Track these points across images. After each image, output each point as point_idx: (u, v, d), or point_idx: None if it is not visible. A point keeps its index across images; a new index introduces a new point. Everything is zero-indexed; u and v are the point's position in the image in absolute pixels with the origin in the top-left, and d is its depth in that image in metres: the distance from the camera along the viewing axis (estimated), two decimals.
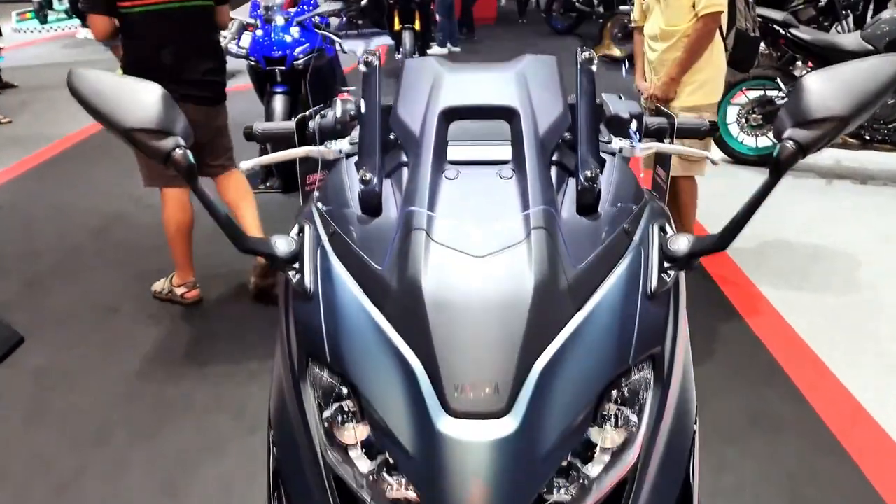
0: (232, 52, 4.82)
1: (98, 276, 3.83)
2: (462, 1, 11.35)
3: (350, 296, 1.09)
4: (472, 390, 0.95)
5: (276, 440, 1.19)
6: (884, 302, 3.25)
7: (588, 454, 1.03)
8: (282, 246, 1.14)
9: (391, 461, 1.01)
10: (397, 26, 8.53)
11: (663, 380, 1.10)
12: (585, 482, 1.01)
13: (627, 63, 4.35)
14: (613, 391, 1.03)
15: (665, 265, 1.13)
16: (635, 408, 1.05)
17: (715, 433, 2.42)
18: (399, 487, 1.00)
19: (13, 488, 2.37)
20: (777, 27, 4.84)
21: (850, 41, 4.65)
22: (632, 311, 1.07)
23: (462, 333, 0.97)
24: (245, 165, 1.50)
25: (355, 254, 1.13)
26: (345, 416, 1.05)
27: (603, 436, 1.02)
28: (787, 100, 1.01)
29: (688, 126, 1.60)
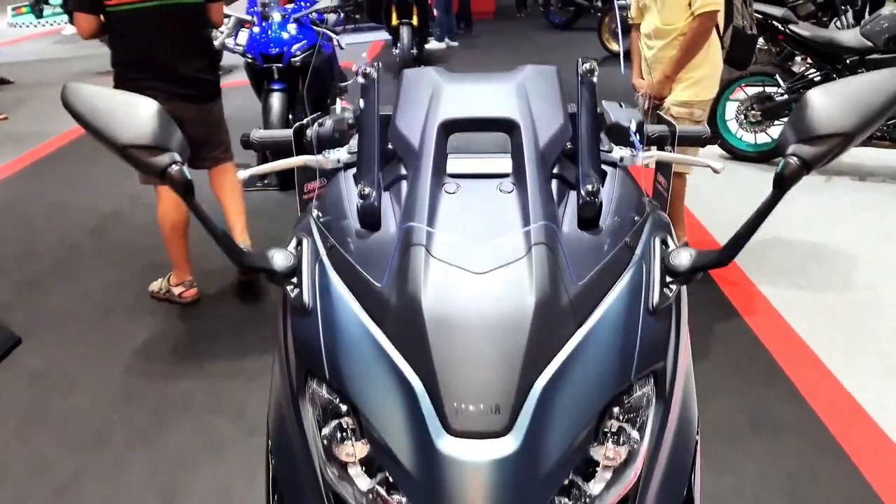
0: (229, 48, 4.80)
1: (96, 276, 3.82)
2: None
3: (349, 312, 1.08)
4: (473, 409, 0.94)
5: (275, 454, 1.19)
6: (884, 301, 3.25)
7: (590, 471, 1.02)
8: (279, 260, 1.12)
9: (391, 480, 1.00)
10: (394, 21, 8.49)
11: (665, 395, 1.09)
12: (587, 500, 1.00)
13: (625, 58, 4.33)
14: (615, 408, 1.02)
15: (667, 279, 1.12)
16: (637, 424, 1.04)
17: (714, 434, 2.42)
18: None
19: (12, 490, 2.36)
20: (776, 23, 4.82)
21: (850, 37, 4.64)
22: (633, 327, 1.06)
23: (462, 352, 0.96)
24: (242, 175, 1.49)
25: (354, 269, 1.12)
26: (344, 434, 1.04)
27: (605, 453, 1.01)
28: (792, 115, 1.00)
29: (688, 134, 1.59)
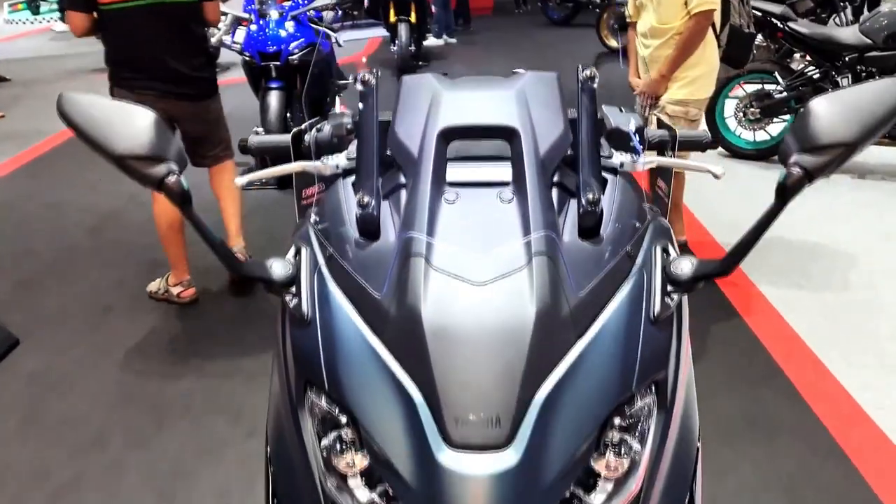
0: (226, 45, 4.78)
1: (94, 276, 3.81)
2: None
3: (348, 323, 1.07)
4: (473, 422, 0.94)
5: (274, 463, 1.18)
6: (884, 301, 3.24)
7: (591, 482, 1.02)
8: (278, 270, 1.12)
9: (391, 492, 0.99)
10: (392, 18, 8.47)
11: (666, 405, 1.08)
12: None
13: (623, 54, 4.33)
14: (616, 419, 1.02)
15: (668, 289, 1.12)
16: (638, 434, 1.04)
17: (713, 434, 2.42)
18: None
19: (10, 495, 2.35)
20: (775, 20, 4.81)
21: (848, 34, 4.63)
22: (634, 337, 1.06)
23: (462, 363, 0.96)
24: (241, 181, 1.48)
25: (353, 279, 1.11)
26: (343, 445, 1.03)
27: (606, 464, 1.01)
28: (794, 124, 1.00)
29: (689, 139, 1.58)
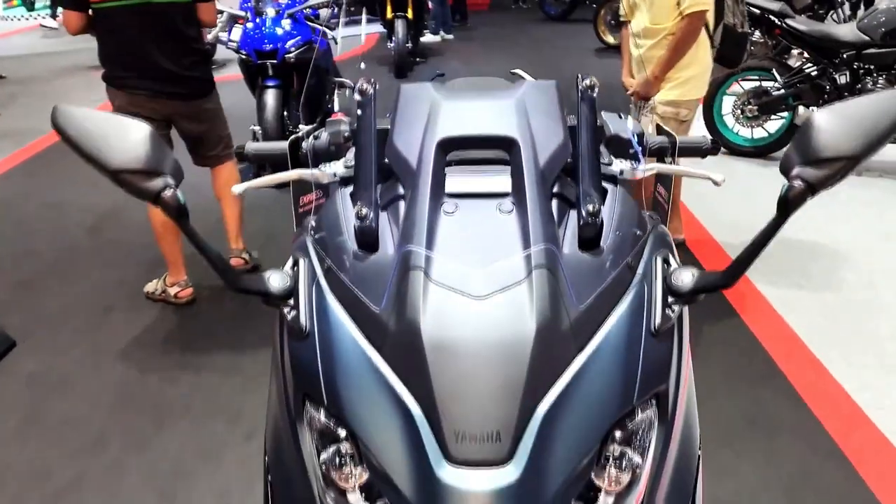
0: (222, 42, 4.77)
1: (91, 277, 3.80)
2: None
3: (347, 336, 1.07)
4: (474, 437, 0.93)
5: (273, 475, 1.18)
6: (883, 301, 3.24)
7: (591, 496, 1.01)
8: (275, 282, 1.11)
9: None
10: (389, 14, 8.44)
11: (667, 417, 1.08)
12: None
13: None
14: (617, 432, 1.01)
15: (669, 300, 1.11)
16: (639, 447, 1.03)
17: (712, 435, 2.42)
18: None
19: (10, 496, 2.35)
20: (772, 17, 4.81)
21: (846, 32, 4.63)
22: (635, 350, 1.05)
23: (462, 378, 0.95)
24: (237, 189, 1.48)
25: (352, 292, 1.10)
26: (343, 460, 1.03)
27: (606, 478, 1.00)
28: (795, 137, 0.99)
29: (689, 145, 1.57)
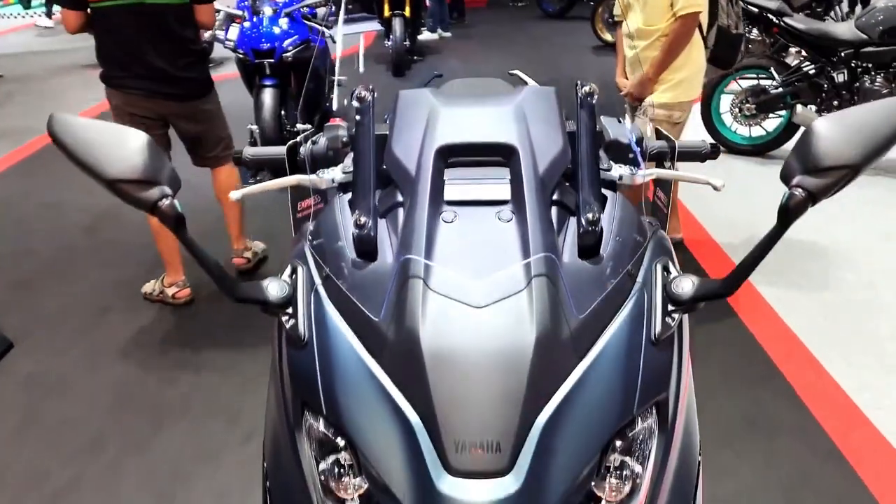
0: (219, 40, 4.75)
1: (89, 277, 3.78)
2: None
3: (346, 345, 1.06)
4: (473, 448, 0.93)
5: (272, 483, 1.17)
6: (883, 301, 3.23)
7: None
8: (274, 290, 1.10)
9: None
10: (387, 13, 8.42)
11: (668, 426, 1.07)
12: None
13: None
14: (617, 441, 1.01)
15: (669, 308, 1.10)
16: (639, 457, 1.03)
17: (711, 436, 2.42)
18: None
19: (8, 497, 2.34)
20: (770, 15, 4.80)
21: (844, 30, 4.63)
22: (636, 359, 1.05)
23: (462, 388, 0.95)
24: (235, 196, 1.47)
25: (350, 301, 1.10)
26: (341, 470, 1.02)
27: (607, 488, 1.00)
28: (796, 145, 0.98)
29: (688, 150, 1.56)
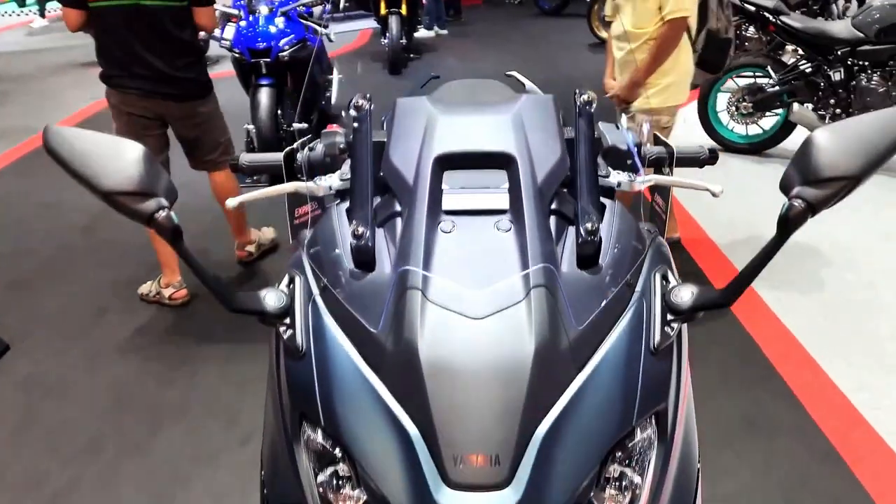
0: (215, 39, 4.74)
1: (86, 277, 3.78)
2: None
3: (344, 357, 1.06)
4: (472, 461, 0.92)
5: (270, 496, 1.17)
6: (883, 301, 3.23)
7: None
8: (271, 301, 1.10)
9: None
10: (383, 10, 8.41)
11: (667, 436, 1.07)
12: None
13: None
14: (617, 452, 1.01)
15: (668, 318, 1.10)
16: (638, 467, 1.03)
17: (709, 437, 2.42)
18: None
19: (5, 501, 2.34)
20: (767, 14, 4.80)
21: (841, 28, 4.63)
22: (635, 369, 1.04)
23: (461, 400, 0.94)
24: (232, 203, 1.47)
25: (348, 312, 1.09)
26: (340, 482, 1.02)
27: (606, 499, 0.99)
28: (795, 155, 0.98)
29: (687, 155, 1.56)
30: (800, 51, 5.01)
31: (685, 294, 1.08)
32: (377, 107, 1.35)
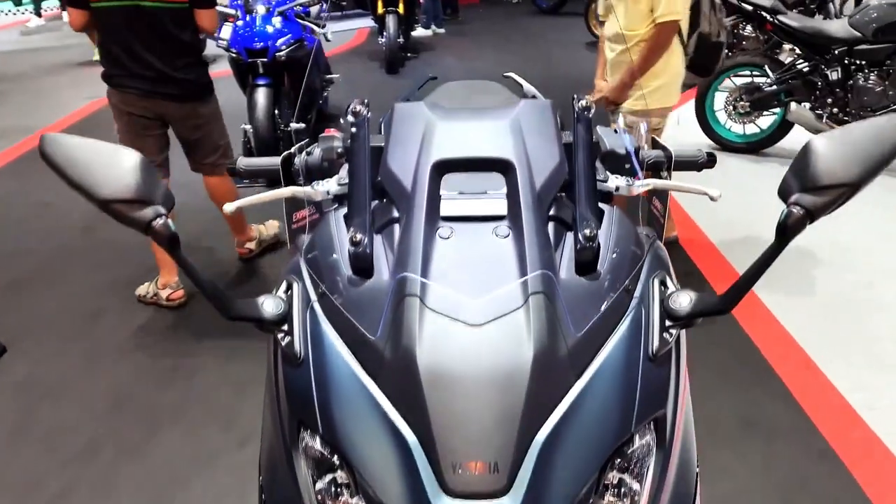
0: (213, 38, 4.73)
1: (83, 279, 3.77)
2: None
3: (342, 364, 1.05)
4: (471, 468, 0.92)
5: (267, 499, 1.16)
6: (882, 301, 3.23)
7: None
8: (269, 308, 1.10)
9: None
10: (380, 9, 8.40)
11: (665, 442, 1.07)
12: None
13: None
14: (616, 459, 1.00)
15: (667, 324, 1.10)
16: (637, 474, 1.03)
17: (705, 438, 2.42)
18: None
19: None
20: (764, 13, 4.80)
21: (838, 27, 4.63)
22: (633, 376, 1.04)
23: (459, 408, 0.94)
24: (229, 208, 1.46)
25: (347, 319, 1.09)
26: (338, 489, 1.02)
27: None
28: (794, 162, 0.98)
29: (685, 159, 1.56)
30: (797, 50, 5.01)
31: (683, 300, 1.09)
32: (374, 107, 1.35)
